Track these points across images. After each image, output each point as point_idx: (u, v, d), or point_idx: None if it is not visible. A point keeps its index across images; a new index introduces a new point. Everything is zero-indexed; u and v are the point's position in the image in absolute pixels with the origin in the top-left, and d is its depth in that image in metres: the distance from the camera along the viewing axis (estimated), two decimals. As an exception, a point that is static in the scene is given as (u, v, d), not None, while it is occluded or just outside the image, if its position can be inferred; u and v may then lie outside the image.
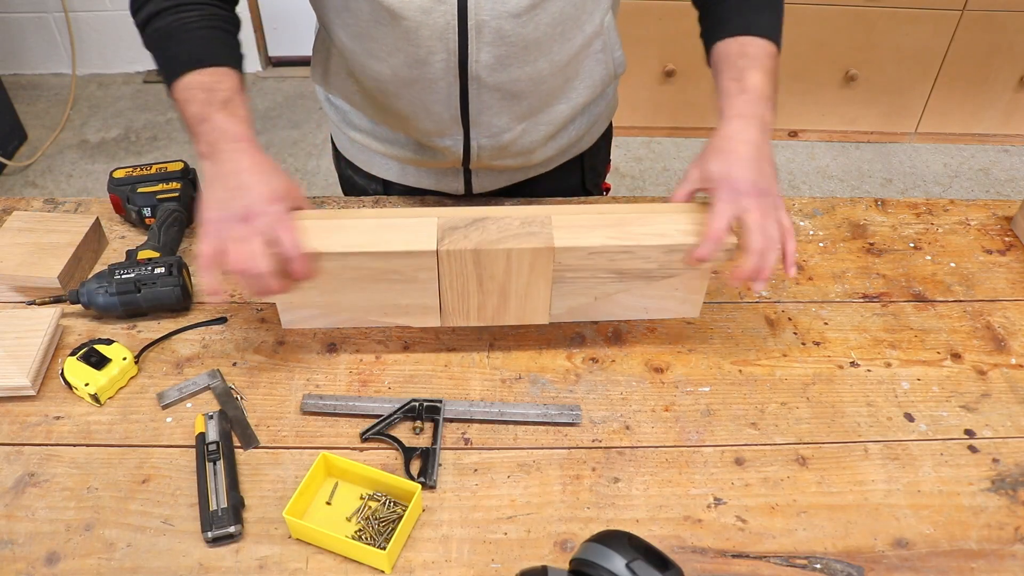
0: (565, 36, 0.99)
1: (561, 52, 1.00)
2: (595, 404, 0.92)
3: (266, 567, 0.76)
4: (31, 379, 0.90)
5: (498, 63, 0.97)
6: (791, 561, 0.78)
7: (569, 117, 1.12)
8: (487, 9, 0.91)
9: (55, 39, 3.25)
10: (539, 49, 0.97)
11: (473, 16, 0.92)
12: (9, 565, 0.76)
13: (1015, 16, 2.71)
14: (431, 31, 0.93)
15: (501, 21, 0.92)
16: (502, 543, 0.79)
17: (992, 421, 0.91)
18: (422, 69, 0.97)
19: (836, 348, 0.99)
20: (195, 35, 0.90)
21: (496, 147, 1.08)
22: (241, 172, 0.83)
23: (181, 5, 0.91)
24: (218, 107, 0.86)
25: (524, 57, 0.97)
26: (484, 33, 0.93)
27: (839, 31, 2.75)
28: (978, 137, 3.07)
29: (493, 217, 0.88)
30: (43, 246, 1.03)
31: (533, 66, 0.99)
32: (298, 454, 0.86)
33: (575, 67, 1.05)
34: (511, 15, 0.92)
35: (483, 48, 0.95)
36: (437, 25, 0.92)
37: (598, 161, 1.29)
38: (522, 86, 1.01)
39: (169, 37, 0.91)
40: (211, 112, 0.85)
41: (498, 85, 0.99)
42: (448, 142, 1.07)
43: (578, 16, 0.99)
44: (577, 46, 1.02)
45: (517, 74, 0.99)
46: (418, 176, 1.18)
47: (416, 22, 0.92)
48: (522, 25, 0.94)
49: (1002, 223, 1.19)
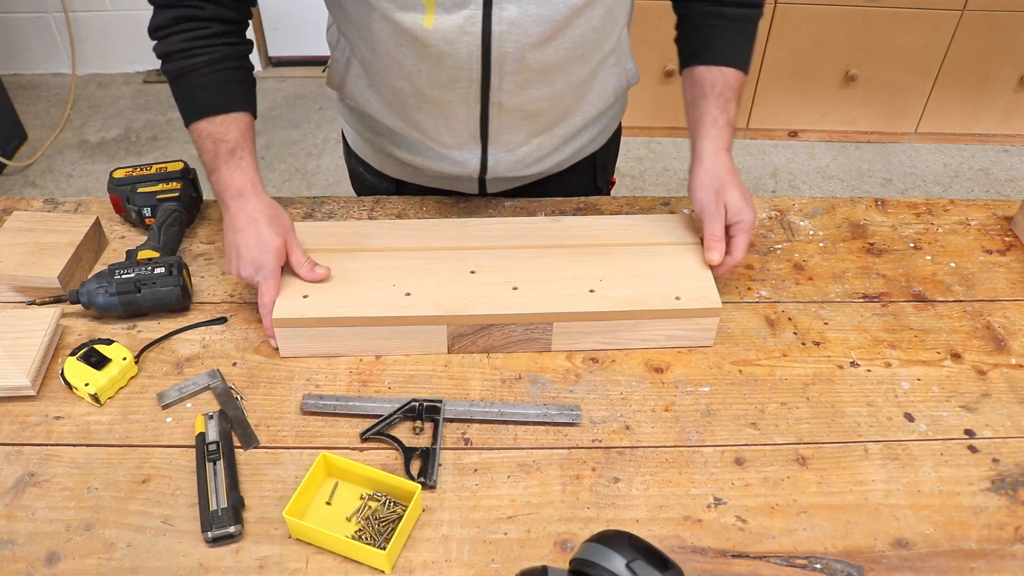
0: (584, 58, 1.00)
1: (579, 72, 1.02)
2: (595, 404, 0.92)
3: (266, 567, 0.76)
4: (31, 379, 0.90)
5: (519, 88, 0.98)
6: (791, 561, 0.78)
7: (582, 126, 1.14)
8: (511, 41, 0.92)
9: (55, 39, 3.25)
10: (559, 71, 0.99)
11: (497, 48, 0.92)
12: (9, 565, 0.76)
13: (1015, 16, 2.71)
14: (454, 60, 0.93)
15: (524, 51, 0.93)
16: (502, 543, 0.79)
17: (992, 421, 0.91)
18: (443, 92, 0.99)
19: (836, 348, 0.99)
20: (204, 81, 0.96)
21: (512, 161, 1.10)
22: (238, 231, 0.95)
23: (191, 49, 0.95)
24: (224, 159, 0.96)
25: (543, 79, 0.99)
26: (507, 64, 0.94)
27: (839, 31, 2.75)
28: (978, 137, 3.07)
29: (498, 324, 0.94)
30: (43, 246, 1.03)
31: (552, 87, 1.01)
32: (298, 454, 0.86)
33: (590, 83, 1.07)
34: (534, 45, 0.93)
35: (506, 77, 0.96)
36: (460, 55, 0.93)
37: (609, 160, 1.31)
38: (541, 105, 1.03)
39: (180, 81, 0.97)
40: (218, 164, 0.96)
41: (517, 107, 1.01)
42: (466, 156, 1.09)
43: (597, 39, 1.00)
44: (594, 64, 1.04)
45: (536, 95, 1.01)
46: (432, 178, 1.19)
47: (439, 51, 0.93)
48: (543, 52, 0.95)
49: (1002, 223, 1.19)
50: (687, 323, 0.95)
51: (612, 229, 1.05)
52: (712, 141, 1.01)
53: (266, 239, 0.94)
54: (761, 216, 1.19)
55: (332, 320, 0.93)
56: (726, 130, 1.01)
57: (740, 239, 0.98)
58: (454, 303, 0.94)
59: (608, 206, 1.19)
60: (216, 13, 0.95)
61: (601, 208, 1.19)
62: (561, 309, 0.94)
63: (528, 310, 0.93)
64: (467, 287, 0.96)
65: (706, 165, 1.00)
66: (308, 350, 0.96)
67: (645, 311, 0.94)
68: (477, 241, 1.03)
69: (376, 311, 0.93)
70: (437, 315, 0.93)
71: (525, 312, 0.93)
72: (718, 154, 1.01)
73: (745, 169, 2.92)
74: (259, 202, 0.96)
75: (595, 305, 0.94)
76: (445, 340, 0.95)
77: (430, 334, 0.94)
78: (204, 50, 0.95)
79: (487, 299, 0.94)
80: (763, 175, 2.91)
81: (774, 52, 2.80)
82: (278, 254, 0.94)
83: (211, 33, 0.95)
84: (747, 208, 0.98)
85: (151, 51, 0.98)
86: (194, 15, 0.94)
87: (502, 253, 1.01)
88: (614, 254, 1.01)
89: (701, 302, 0.95)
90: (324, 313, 0.93)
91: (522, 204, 1.19)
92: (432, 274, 0.98)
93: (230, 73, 0.98)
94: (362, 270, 0.98)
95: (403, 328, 0.94)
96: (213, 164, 0.97)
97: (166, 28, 0.95)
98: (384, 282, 0.96)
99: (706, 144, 1.01)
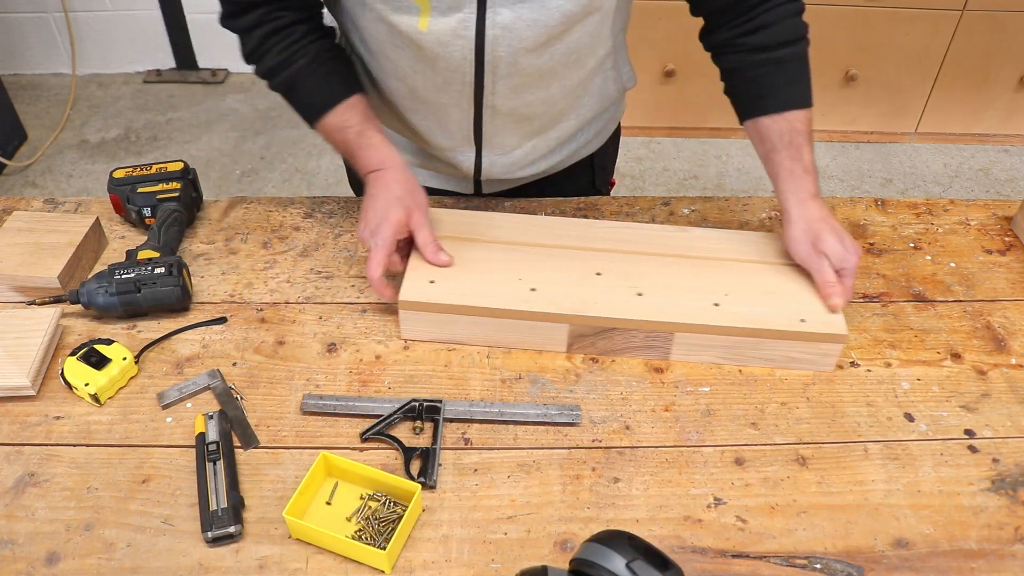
0: (579, 63, 1.00)
1: (574, 77, 1.02)
2: (595, 404, 0.92)
3: (266, 567, 0.76)
4: (31, 379, 0.90)
5: (512, 92, 0.99)
6: (791, 561, 0.78)
7: (576, 129, 1.14)
8: (504, 45, 0.92)
9: (55, 39, 3.25)
10: (553, 76, 0.99)
11: (490, 52, 0.93)
12: (9, 565, 0.76)
13: (1015, 16, 2.71)
14: (447, 63, 0.94)
15: (518, 56, 0.94)
16: (502, 543, 0.79)
17: (992, 421, 0.91)
18: (437, 94, 0.99)
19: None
20: (310, 83, 1.00)
21: (506, 163, 1.11)
22: (371, 197, 0.98)
23: (289, 59, 0.98)
24: (355, 143, 1.00)
25: (538, 84, 0.99)
26: (500, 67, 0.95)
27: (839, 31, 2.75)
28: (978, 137, 3.07)
29: (620, 329, 0.94)
30: (43, 246, 1.03)
31: (546, 91, 1.01)
32: (298, 454, 0.86)
33: (585, 87, 1.07)
34: (528, 50, 0.93)
35: (499, 81, 0.96)
36: (454, 58, 0.93)
37: (607, 161, 1.30)
38: (534, 109, 1.03)
39: (292, 90, 1.01)
40: (351, 149, 1.01)
41: (511, 111, 1.01)
42: (460, 158, 1.09)
43: (592, 44, 1.00)
44: (589, 69, 1.04)
45: (530, 99, 1.01)
46: (427, 177, 1.19)
47: (433, 53, 0.93)
48: (537, 57, 0.95)
49: (1002, 223, 1.19)
50: (810, 347, 0.94)
51: (736, 243, 1.04)
52: (794, 194, 0.98)
53: (391, 209, 0.95)
54: (761, 216, 1.19)
55: (457, 308, 0.93)
56: (805, 178, 0.98)
57: (848, 282, 0.96)
58: (578, 303, 0.94)
59: (608, 206, 1.19)
60: (296, 17, 0.98)
61: (601, 208, 1.19)
62: (684, 320, 0.93)
63: (652, 317, 0.93)
64: (592, 288, 0.96)
65: (795, 220, 0.97)
66: (429, 334, 0.96)
67: (769, 330, 0.92)
68: (602, 243, 1.02)
69: (501, 303, 0.93)
70: (561, 313, 0.93)
71: (648, 319, 0.93)
72: (803, 205, 0.97)
73: (745, 169, 2.92)
74: (396, 174, 0.99)
75: (719, 319, 0.93)
76: (565, 339, 0.95)
77: (551, 331, 0.94)
78: (299, 55, 0.98)
79: (611, 302, 0.94)
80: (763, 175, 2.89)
81: (774, 52, 2.80)
82: (397, 226, 0.95)
83: (299, 36, 0.98)
84: (849, 253, 0.95)
85: (151, 51, 0.99)
86: (278, 27, 0.97)
87: (628, 258, 1.00)
88: (740, 269, 1.00)
89: (827, 327, 0.93)
90: (449, 300, 0.93)
91: (522, 204, 1.19)
92: (558, 272, 0.98)
93: (329, 65, 1.00)
94: (488, 261, 0.99)
95: (526, 323, 0.94)
96: (348, 152, 1.02)
97: (260, 48, 0.98)
98: (510, 275, 0.97)
99: (789, 199, 0.98)
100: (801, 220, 0.97)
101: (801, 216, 0.97)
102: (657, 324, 0.93)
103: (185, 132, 3.03)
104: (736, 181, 2.88)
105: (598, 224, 1.07)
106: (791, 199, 0.98)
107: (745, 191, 2.83)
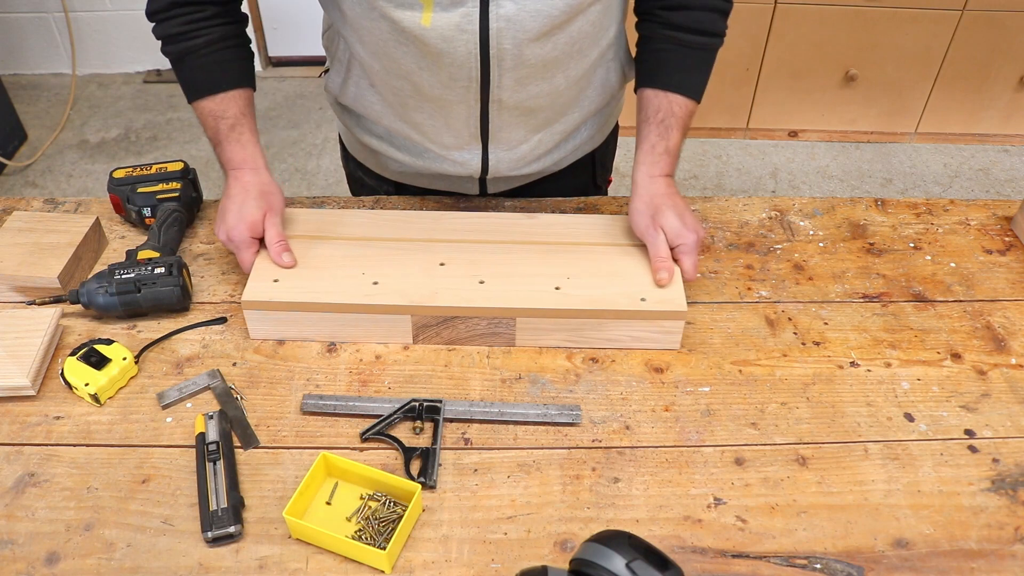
0: (582, 53, 1.00)
1: (578, 67, 1.02)
2: (595, 404, 0.92)
3: (266, 567, 0.76)
4: (31, 379, 0.90)
5: (518, 85, 0.99)
6: (791, 561, 0.78)
7: (581, 122, 1.14)
8: (508, 37, 0.92)
9: (55, 39, 3.25)
10: (557, 67, 0.99)
11: (495, 45, 0.92)
12: (9, 565, 0.76)
13: (1015, 16, 2.71)
14: (452, 59, 0.93)
15: (522, 47, 0.93)
16: (502, 543, 0.79)
17: (992, 421, 0.91)
18: (443, 91, 0.99)
19: (836, 348, 0.99)
20: (203, 62, 1.00)
21: (513, 159, 1.10)
22: (229, 198, 1.01)
23: (188, 32, 0.98)
24: (225, 134, 1.01)
25: (543, 75, 0.99)
26: (506, 60, 0.94)
27: (839, 31, 2.75)
28: (978, 137, 3.07)
29: (462, 317, 0.95)
30: (43, 246, 1.03)
31: (550, 83, 1.01)
32: (298, 454, 0.86)
33: (588, 78, 1.07)
34: (531, 40, 0.93)
35: (505, 74, 0.96)
36: (459, 54, 0.93)
37: (607, 157, 1.31)
38: (540, 102, 1.03)
39: (181, 63, 1.01)
40: (219, 139, 1.02)
41: (517, 104, 1.01)
42: (467, 156, 1.09)
43: (595, 33, 1.00)
44: (592, 59, 1.04)
45: (535, 91, 1.01)
46: (432, 179, 1.19)
47: (438, 49, 0.93)
48: (541, 47, 0.95)
49: (1002, 223, 1.19)
50: (652, 325, 0.95)
51: (583, 228, 1.06)
52: (646, 167, 1.01)
53: (247, 210, 0.99)
54: (761, 216, 1.19)
55: (299, 304, 0.94)
56: (664, 158, 1.01)
57: (685, 261, 0.98)
58: (420, 294, 0.94)
59: (608, 206, 1.19)
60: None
61: (600, 208, 1.19)
62: (525, 305, 0.94)
63: (492, 304, 0.94)
64: (435, 279, 0.97)
65: (640, 192, 1.01)
66: (276, 333, 0.97)
67: (609, 311, 0.94)
68: (450, 234, 1.04)
69: (343, 298, 0.94)
70: (402, 304, 0.94)
71: (489, 306, 0.94)
72: (652, 180, 1.01)
73: (745, 169, 2.92)
74: (254, 177, 1.01)
75: (559, 302, 0.94)
76: (410, 330, 0.96)
77: (395, 323, 0.95)
78: (201, 32, 0.98)
79: (453, 291, 0.95)
80: (763, 175, 2.91)
81: (774, 52, 2.80)
82: (253, 227, 0.98)
83: (207, 16, 0.98)
84: (686, 230, 0.97)
85: (151, 51, 1.00)
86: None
87: (473, 247, 1.02)
88: (584, 253, 1.02)
89: (666, 304, 0.95)
90: (292, 298, 0.94)
91: (522, 204, 1.19)
92: (402, 265, 0.99)
93: (227, 52, 1.01)
94: (334, 257, 1.00)
95: (368, 316, 0.95)
96: (215, 139, 1.02)
97: (163, 12, 0.98)
98: (354, 270, 0.98)
99: (640, 171, 1.02)
100: (645, 194, 1.00)
101: (646, 190, 1.01)
102: (497, 310, 0.94)
103: (185, 132, 3.03)
104: (736, 181, 2.88)
105: (447, 215, 1.08)
106: (642, 171, 1.02)
107: (745, 191, 2.83)
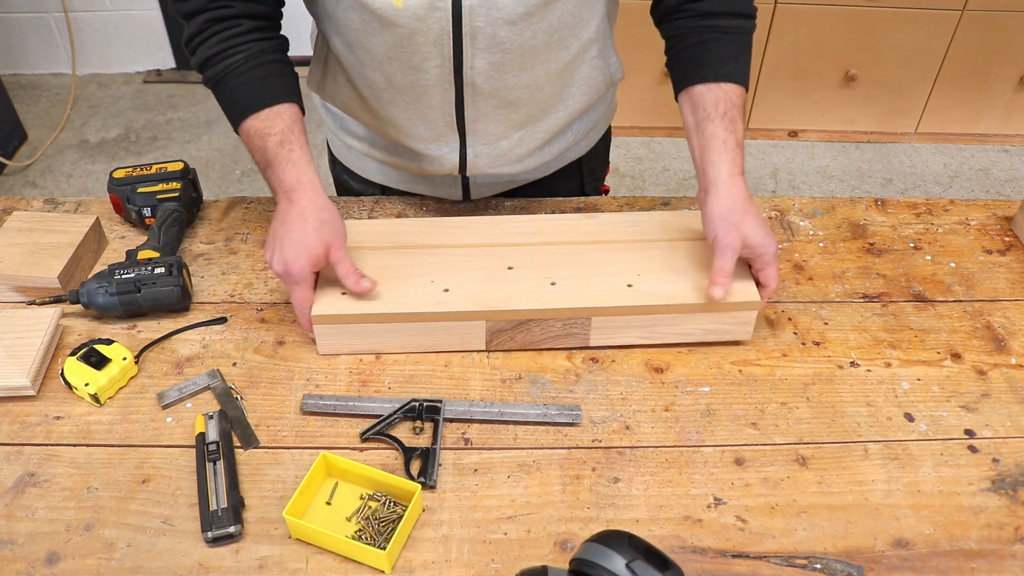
0: (561, 43, 0.99)
1: (557, 59, 1.00)
2: (595, 404, 0.92)
3: (266, 567, 0.76)
4: (31, 379, 0.90)
5: (493, 70, 0.97)
6: (791, 561, 0.78)
7: (565, 123, 1.12)
8: (481, 15, 0.91)
9: (55, 39, 3.25)
10: (535, 56, 0.97)
11: (468, 22, 0.92)
12: (9, 565, 0.76)
13: (1015, 16, 2.71)
14: (425, 38, 0.93)
15: (496, 28, 0.92)
16: (502, 543, 0.79)
17: (992, 421, 0.91)
18: (416, 76, 0.97)
19: (836, 348, 0.99)
20: (243, 79, 0.94)
21: (493, 155, 1.08)
22: (285, 223, 0.91)
23: (226, 50, 0.93)
24: (274, 152, 0.92)
25: (520, 64, 0.97)
26: (479, 39, 0.93)
27: (839, 31, 2.75)
28: (978, 137, 3.07)
29: (537, 320, 0.94)
30: (43, 246, 1.03)
31: (529, 73, 0.99)
32: (298, 454, 0.86)
33: (571, 73, 1.05)
34: (506, 22, 0.92)
35: (478, 54, 0.95)
36: (432, 32, 0.92)
37: (596, 165, 1.28)
38: (518, 93, 1.01)
39: (222, 85, 0.95)
40: (268, 159, 0.93)
41: (494, 92, 0.99)
42: (444, 150, 1.07)
43: (574, 23, 0.98)
44: (573, 52, 1.02)
45: (513, 81, 0.99)
46: (415, 182, 1.18)
47: (410, 29, 0.92)
48: (518, 33, 0.93)
49: (1002, 223, 1.19)
50: (726, 317, 0.95)
51: (648, 224, 1.05)
52: (726, 166, 0.93)
53: (308, 243, 0.90)
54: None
55: (370, 316, 0.93)
56: (737, 152, 0.94)
57: (770, 272, 0.94)
58: (492, 298, 0.94)
59: (608, 206, 1.19)
60: (245, 10, 0.93)
61: (601, 208, 1.19)
62: (599, 304, 0.93)
63: (567, 305, 0.93)
64: (505, 283, 0.96)
65: (722, 194, 0.93)
66: (347, 347, 0.96)
67: (683, 305, 0.94)
68: (513, 237, 1.03)
69: (414, 307, 0.93)
70: (475, 310, 0.93)
71: (564, 307, 0.93)
72: (734, 180, 0.93)
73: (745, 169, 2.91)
74: (312, 201, 0.92)
75: (633, 299, 0.94)
76: (484, 336, 0.95)
77: (469, 330, 0.94)
78: (239, 48, 0.93)
79: (526, 294, 0.94)
80: (763, 175, 2.91)
81: (774, 52, 2.80)
82: (315, 260, 0.91)
83: (243, 31, 0.93)
84: (769, 239, 0.93)
85: (151, 51, 0.98)
86: (223, 15, 0.93)
87: (539, 249, 1.01)
88: (651, 249, 1.01)
89: (739, 295, 0.94)
90: (362, 310, 0.93)
91: (522, 204, 1.19)
92: (470, 270, 0.98)
93: (268, 67, 0.95)
94: (400, 267, 0.98)
95: (442, 324, 0.94)
96: (263, 161, 0.94)
97: (199, 35, 0.93)
98: (422, 279, 0.96)
99: (720, 170, 0.93)
100: (728, 196, 0.93)
101: (729, 192, 0.93)
102: (573, 311, 0.93)
103: (185, 132, 3.03)
104: (736, 181, 2.88)
105: (506, 219, 1.07)
106: (722, 171, 0.93)
107: (745, 191, 2.83)
